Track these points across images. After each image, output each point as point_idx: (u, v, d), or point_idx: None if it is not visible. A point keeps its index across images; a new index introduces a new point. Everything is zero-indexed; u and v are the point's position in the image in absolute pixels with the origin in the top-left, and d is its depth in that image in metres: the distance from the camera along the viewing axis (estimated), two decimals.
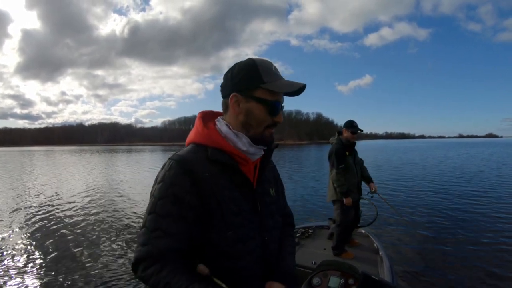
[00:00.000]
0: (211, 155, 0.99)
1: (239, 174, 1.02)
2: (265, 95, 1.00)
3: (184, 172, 0.94)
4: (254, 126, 1.02)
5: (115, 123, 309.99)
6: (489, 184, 12.26)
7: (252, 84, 1.00)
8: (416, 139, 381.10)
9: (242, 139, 1.01)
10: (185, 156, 0.98)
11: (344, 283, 1.79)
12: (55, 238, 6.14)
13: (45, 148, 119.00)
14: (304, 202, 9.46)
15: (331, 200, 4.05)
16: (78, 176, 18.09)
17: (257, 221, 1.05)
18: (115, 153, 55.72)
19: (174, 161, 0.97)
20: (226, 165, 0.99)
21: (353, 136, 3.98)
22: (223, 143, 1.01)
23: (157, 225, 0.92)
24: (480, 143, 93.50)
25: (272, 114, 1.02)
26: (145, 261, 0.91)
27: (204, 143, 1.02)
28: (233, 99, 1.01)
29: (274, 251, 1.13)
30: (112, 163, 29.35)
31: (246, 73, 1.00)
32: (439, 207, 8.34)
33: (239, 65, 1.03)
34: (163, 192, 0.94)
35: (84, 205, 9.44)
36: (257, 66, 1.00)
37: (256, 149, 1.04)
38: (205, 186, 0.94)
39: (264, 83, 0.99)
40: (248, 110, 1.01)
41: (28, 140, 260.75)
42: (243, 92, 1.00)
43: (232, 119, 1.04)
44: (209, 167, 0.97)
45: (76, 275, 4.44)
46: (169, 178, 0.94)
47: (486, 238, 5.72)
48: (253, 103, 1.00)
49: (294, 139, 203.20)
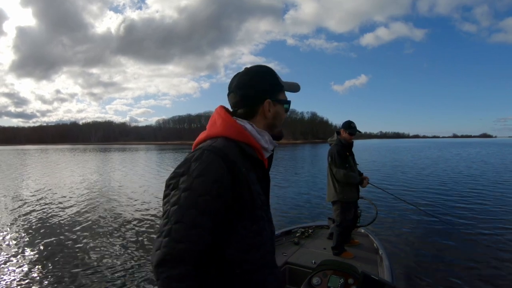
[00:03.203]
0: (247, 150, 1.03)
1: (263, 169, 1.10)
2: (283, 96, 1.17)
3: (226, 167, 0.94)
4: (278, 125, 1.16)
5: (109, 122, 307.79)
6: (489, 184, 12.33)
7: (278, 88, 1.15)
8: (410, 139, 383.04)
9: (265, 137, 1.11)
10: (225, 150, 0.97)
11: (344, 282, 1.80)
12: (51, 238, 6.06)
13: (39, 147, 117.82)
14: (304, 202, 9.46)
15: (331, 200, 4.05)
16: (69, 174, 17.95)
17: (268, 214, 1.12)
18: (107, 152, 55.30)
19: (214, 154, 0.95)
20: (256, 161, 1.06)
21: (350, 137, 3.99)
22: (252, 140, 1.06)
23: (196, 222, 0.88)
24: (475, 143, 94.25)
25: (287, 111, 1.19)
26: (175, 264, 0.85)
27: (235, 138, 1.04)
28: (268, 104, 1.11)
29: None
30: (103, 162, 29.16)
31: (271, 79, 1.14)
32: (438, 207, 8.38)
33: (259, 72, 1.14)
34: (206, 187, 0.90)
35: (78, 204, 9.34)
36: (274, 73, 1.15)
37: (272, 145, 1.14)
38: (243, 182, 0.97)
39: (282, 86, 1.16)
40: (277, 113, 1.14)
41: (21, 139, 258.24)
42: (273, 97, 1.12)
43: (258, 122, 1.12)
44: (244, 162, 1.00)
45: (72, 274, 4.38)
46: (211, 173, 0.92)
47: (486, 237, 5.77)
48: (279, 106, 1.14)
49: (289, 139, 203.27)
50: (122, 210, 8.61)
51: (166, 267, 0.85)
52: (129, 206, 9.13)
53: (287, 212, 8.01)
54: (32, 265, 4.77)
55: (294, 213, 7.95)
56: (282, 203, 9.16)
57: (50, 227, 6.95)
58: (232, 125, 1.05)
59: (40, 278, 4.33)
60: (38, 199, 10.29)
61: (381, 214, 6.22)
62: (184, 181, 0.92)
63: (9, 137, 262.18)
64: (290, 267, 3.39)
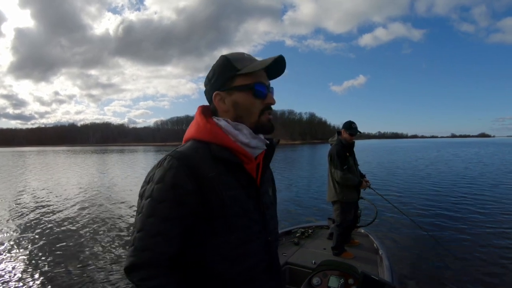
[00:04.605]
0: (216, 152, 0.92)
1: (245, 172, 0.97)
2: (244, 81, 0.97)
3: (187, 172, 0.87)
4: (246, 116, 0.99)
5: (107, 123, 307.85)
6: (489, 184, 12.33)
7: (228, 76, 0.97)
8: (409, 139, 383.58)
9: (243, 130, 0.97)
10: (187, 153, 0.91)
11: (344, 283, 1.80)
12: (48, 239, 6.04)
13: (37, 149, 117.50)
14: (304, 202, 9.47)
15: (332, 200, 4.04)
16: (66, 176, 17.92)
17: (261, 222, 1.00)
18: (104, 153, 55.19)
19: (175, 158, 0.89)
20: (231, 164, 0.94)
21: (351, 137, 3.98)
22: (227, 140, 0.94)
23: (158, 230, 0.85)
24: (474, 143, 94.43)
25: (259, 96, 0.98)
26: (144, 268, 0.86)
27: (206, 139, 0.95)
28: (216, 98, 0.99)
29: (276, 252, 1.10)
30: (100, 164, 29.11)
31: (220, 69, 0.99)
32: (438, 207, 8.38)
33: (213, 65, 1.02)
34: (164, 194, 0.86)
35: (74, 206, 9.32)
36: (228, 58, 0.99)
37: (258, 141, 0.99)
38: (209, 187, 0.88)
39: (238, 70, 0.96)
40: (234, 102, 0.98)
41: (20, 141, 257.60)
42: (223, 88, 0.98)
43: (225, 117, 1.00)
44: (213, 165, 0.91)
45: (70, 275, 4.37)
46: (170, 179, 0.86)
47: (487, 237, 5.78)
48: (236, 94, 0.97)
49: (287, 139, 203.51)
50: (118, 211, 8.60)
51: (136, 272, 0.87)
52: (126, 207, 9.10)
53: (287, 212, 8.01)
54: (29, 266, 4.75)
55: (294, 213, 7.96)
56: (282, 203, 9.15)
57: (47, 227, 6.91)
58: (202, 126, 0.97)
59: (38, 279, 4.32)
60: (35, 201, 10.26)
61: (381, 214, 6.22)
62: (147, 189, 0.90)
63: (7, 139, 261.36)
64: (290, 267, 3.38)
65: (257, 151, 1.01)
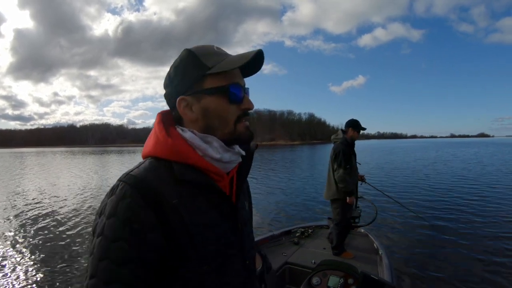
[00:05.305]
0: (180, 174, 0.75)
1: (217, 193, 0.80)
2: (216, 82, 0.79)
3: (144, 202, 0.70)
4: (218, 125, 0.81)
5: (106, 124, 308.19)
6: (489, 184, 12.31)
7: (195, 76, 0.79)
8: (408, 139, 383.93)
9: (213, 143, 0.80)
10: (143, 178, 0.73)
11: (344, 282, 1.81)
12: (45, 240, 6.04)
13: (35, 150, 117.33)
14: (303, 202, 9.45)
15: (332, 198, 4.00)
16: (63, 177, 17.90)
17: (237, 244, 0.84)
18: (103, 154, 55.11)
19: (129, 185, 0.71)
20: (200, 184, 0.77)
21: (358, 135, 4.01)
22: (193, 157, 0.77)
23: (113, 276, 0.68)
24: (473, 143, 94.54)
25: (234, 101, 0.80)
26: None
27: (166, 157, 0.77)
28: (181, 104, 0.79)
29: (254, 273, 0.95)
30: (98, 165, 29.07)
31: (185, 68, 0.80)
32: (438, 207, 8.38)
33: (174, 63, 0.83)
34: (117, 231, 0.68)
35: (71, 207, 9.30)
36: (194, 53, 0.79)
37: (232, 154, 0.83)
38: (173, 216, 0.72)
39: (209, 68, 0.78)
40: (204, 109, 0.79)
41: (19, 142, 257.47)
42: (189, 91, 0.79)
43: (191, 127, 0.81)
44: (177, 189, 0.74)
45: (67, 276, 4.38)
46: (124, 211, 0.69)
47: (487, 237, 5.77)
48: (206, 98, 0.79)
49: (286, 140, 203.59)
50: None
51: None
52: None
53: (287, 212, 8.01)
54: (21, 266, 4.75)
55: (294, 213, 7.95)
56: (282, 204, 9.18)
57: (40, 228, 6.91)
58: (162, 140, 0.78)
59: (35, 279, 4.32)
60: (29, 202, 10.25)
61: (381, 214, 6.23)
62: (98, 224, 0.71)
63: (6, 140, 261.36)
64: (290, 267, 3.38)
65: (231, 165, 0.84)
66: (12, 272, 4.60)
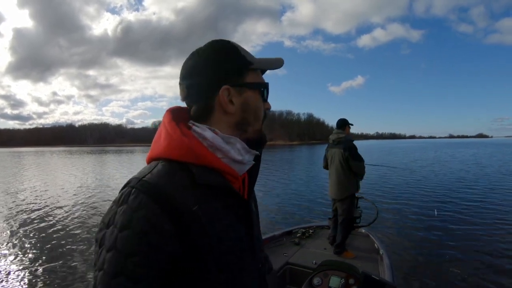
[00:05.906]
0: (199, 177, 0.69)
1: (235, 196, 0.76)
2: (256, 78, 0.78)
3: (162, 212, 0.64)
4: (252, 122, 0.79)
5: (105, 123, 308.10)
6: (489, 185, 12.34)
7: (237, 68, 0.76)
8: (407, 139, 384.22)
9: (236, 144, 0.76)
10: (160, 185, 0.66)
11: (345, 283, 1.81)
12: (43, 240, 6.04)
13: (34, 149, 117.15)
14: (304, 202, 9.47)
15: (344, 196, 3.99)
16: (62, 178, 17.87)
17: (251, 247, 0.81)
18: (102, 154, 55.02)
19: (144, 194, 0.64)
20: (217, 188, 0.72)
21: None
22: (211, 158, 0.72)
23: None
24: (472, 143, 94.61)
25: (265, 99, 0.81)
26: None
27: (182, 159, 0.70)
28: (225, 93, 0.74)
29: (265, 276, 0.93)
30: (97, 165, 29.03)
31: (228, 57, 0.75)
32: (438, 207, 8.35)
33: (211, 49, 0.77)
34: (133, 245, 0.61)
35: (70, 207, 9.30)
36: (235, 45, 0.77)
37: (250, 156, 0.79)
38: (194, 224, 0.66)
39: (252, 63, 0.77)
40: (245, 103, 0.76)
41: (17, 141, 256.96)
42: (235, 81, 0.75)
43: (220, 122, 0.76)
44: (194, 194, 0.68)
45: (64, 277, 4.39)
46: (140, 224, 0.62)
47: (487, 237, 5.79)
48: (247, 92, 0.77)
49: (285, 140, 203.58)
50: None
51: None
52: None
53: (287, 212, 8.02)
54: (19, 265, 4.75)
55: (295, 214, 7.96)
56: (283, 204, 9.19)
57: (38, 228, 6.91)
58: (177, 140, 0.72)
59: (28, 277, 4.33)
60: (27, 201, 10.25)
61: (382, 215, 6.24)
62: (107, 236, 0.64)
63: (5, 139, 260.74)
64: (291, 268, 3.38)
65: (246, 167, 0.80)
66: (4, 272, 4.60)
